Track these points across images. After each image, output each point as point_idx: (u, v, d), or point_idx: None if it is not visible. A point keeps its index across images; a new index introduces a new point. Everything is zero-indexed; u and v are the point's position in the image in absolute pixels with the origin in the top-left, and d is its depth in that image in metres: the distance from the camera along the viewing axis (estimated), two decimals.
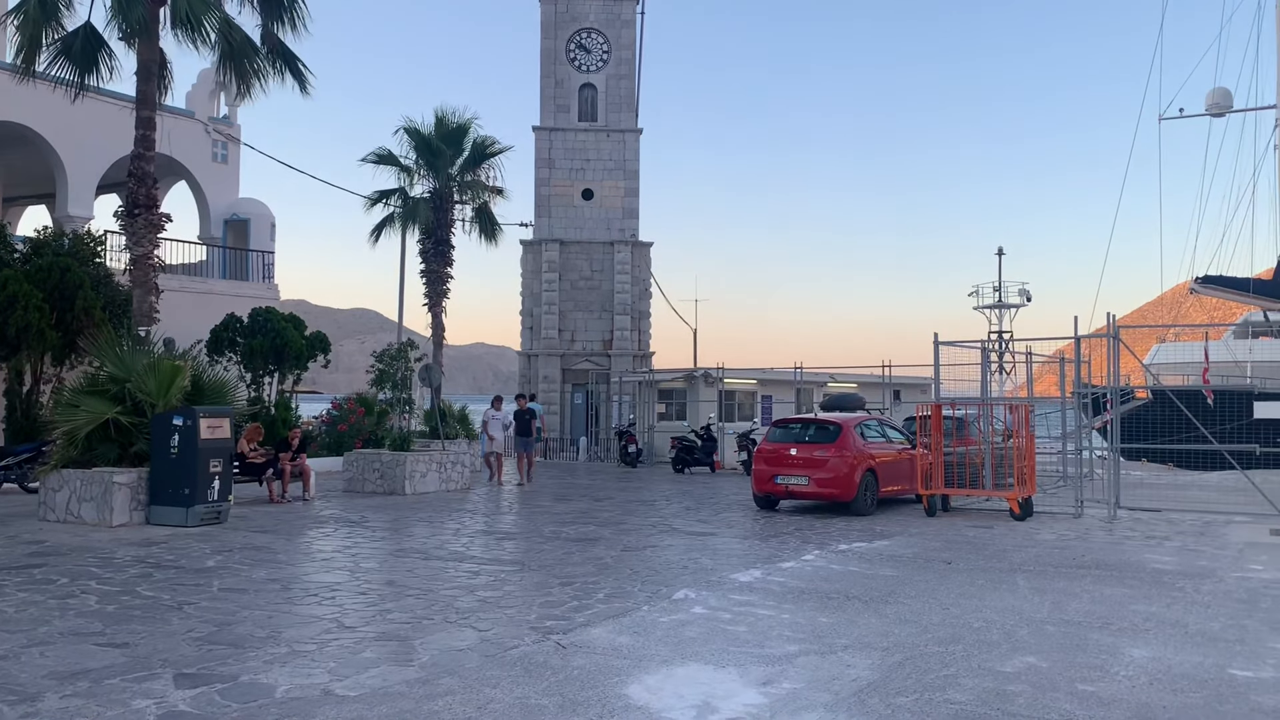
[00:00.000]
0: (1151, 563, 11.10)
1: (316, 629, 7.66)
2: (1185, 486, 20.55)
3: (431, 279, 24.86)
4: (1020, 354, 22.59)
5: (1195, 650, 7.13)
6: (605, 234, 35.77)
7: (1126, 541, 12.83)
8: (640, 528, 14.06)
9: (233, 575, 10.05)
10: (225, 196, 28.37)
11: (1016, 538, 13.19)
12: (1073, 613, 8.38)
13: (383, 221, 24.74)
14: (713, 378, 28.38)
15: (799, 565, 10.84)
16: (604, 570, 10.40)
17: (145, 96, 15.99)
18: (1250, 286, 40.20)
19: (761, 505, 16.76)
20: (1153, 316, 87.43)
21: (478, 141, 25.03)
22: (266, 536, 12.96)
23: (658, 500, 18.16)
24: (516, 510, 16.58)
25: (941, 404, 16.44)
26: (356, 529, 13.83)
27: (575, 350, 35.50)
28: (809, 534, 13.53)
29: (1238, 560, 11.31)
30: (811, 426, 16.92)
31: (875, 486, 16.14)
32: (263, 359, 23.12)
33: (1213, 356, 36.41)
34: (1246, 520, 14.80)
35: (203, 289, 26.30)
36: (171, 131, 26.65)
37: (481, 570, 10.38)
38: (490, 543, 12.49)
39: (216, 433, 14.22)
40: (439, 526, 14.12)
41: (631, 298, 35.63)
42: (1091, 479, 18.57)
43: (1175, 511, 15.89)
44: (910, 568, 10.75)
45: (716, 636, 7.46)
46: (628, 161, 36.15)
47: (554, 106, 36.11)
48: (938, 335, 16.56)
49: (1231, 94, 44.26)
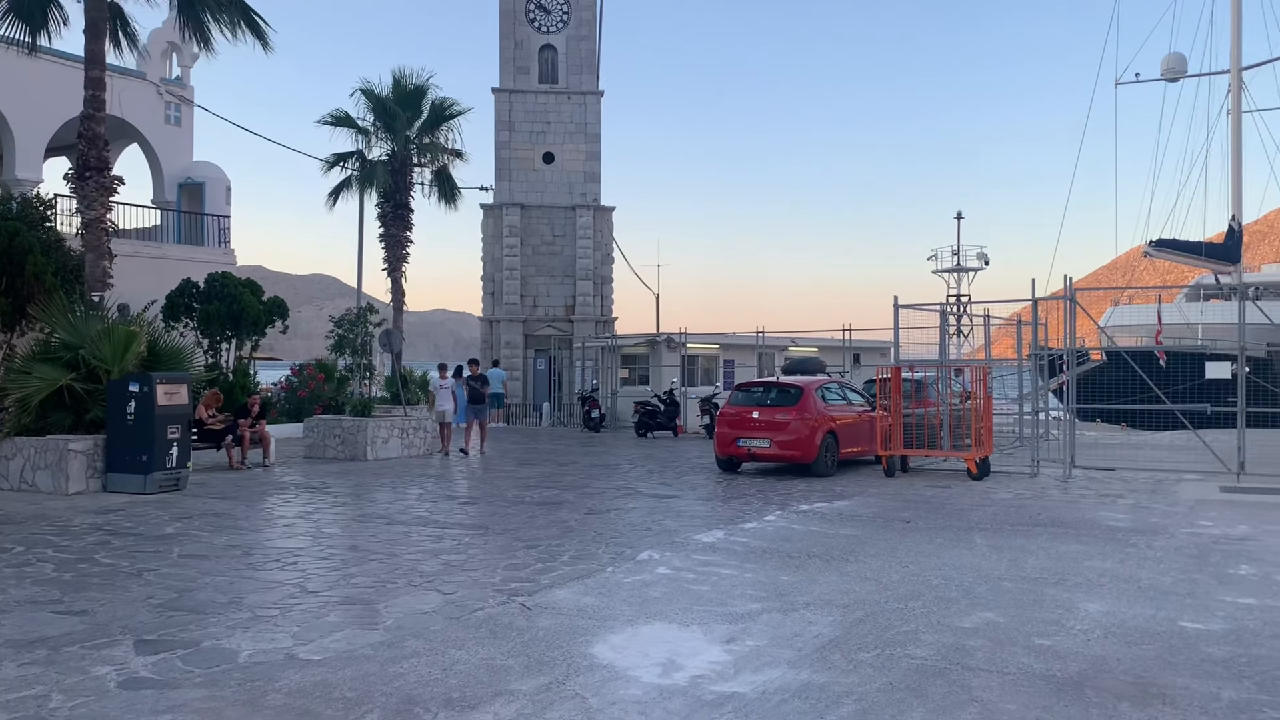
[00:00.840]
0: (1105, 520, 11.32)
1: (279, 594, 7.63)
2: (1139, 446, 20.92)
3: (390, 243, 24.58)
4: (978, 317, 22.84)
5: (1148, 604, 7.30)
6: (567, 198, 35.54)
7: (1081, 500, 13.07)
8: (604, 491, 14.11)
9: (193, 542, 9.96)
10: (179, 160, 27.81)
11: (974, 497, 13.40)
12: (1029, 569, 8.54)
13: (340, 185, 24.38)
14: (675, 343, 28.43)
15: (761, 526, 10.94)
16: (568, 533, 10.43)
17: (94, 55, 15.58)
18: (1202, 250, 40.86)
19: (724, 468, 16.86)
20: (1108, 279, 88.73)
21: (436, 103, 24.69)
22: (226, 503, 12.85)
23: (621, 464, 18.21)
24: (480, 476, 16.56)
25: (900, 367, 16.59)
26: (318, 495, 13.75)
27: (537, 316, 35.36)
28: (770, 495, 13.65)
29: (1188, 517, 11.57)
30: (773, 390, 17.02)
31: (836, 448, 16.29)
32: (220, 325, 22.79)
33: (1166, 319, 37.04)
34: (1197, 478, 15.13)
35: (157, 254, 25.81)
36: (122, 93, 26.04)
37: (445, 535, 10.38)
38: (453, 507, 12.47)
39: (174, 399, 14.05)
40: (401, 492, 14.08)
41: (593, 263, 35.49)
42: (1048, 439, 18.86)
43: (1129, 470, 16.21)
44: (870, 527, 10.88)
45: (680, 596, 7.52)
46: (589, 125, 35.85)
47: (514, 68, 35.68)
48: (897, 299, 16.70)
49: (1186, 59, 44.77)
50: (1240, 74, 42.43)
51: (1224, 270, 41.85)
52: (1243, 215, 42.35)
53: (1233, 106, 42.41)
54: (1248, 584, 7.99)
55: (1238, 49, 42.27)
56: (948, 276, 40.00)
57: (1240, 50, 42.29)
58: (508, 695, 5.23)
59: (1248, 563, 8.84)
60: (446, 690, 5.31)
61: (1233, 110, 42.38)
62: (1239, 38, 42.08)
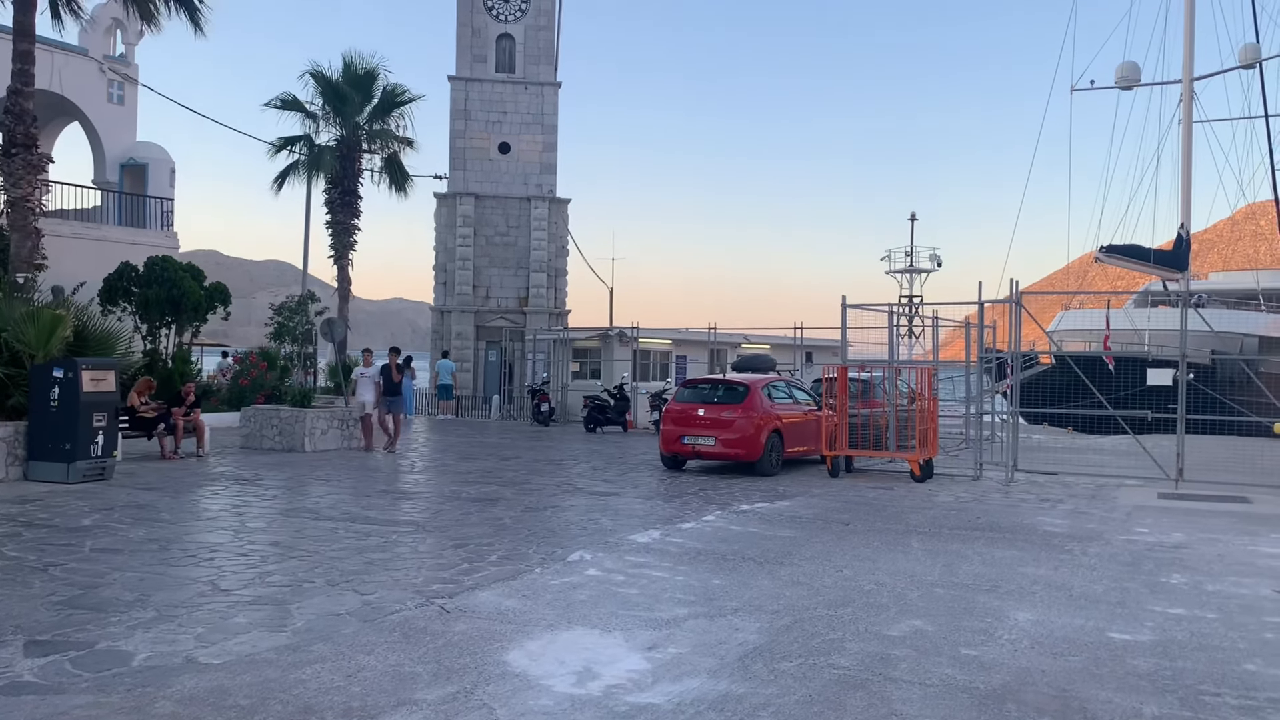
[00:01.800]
0: (1043, 525, 11.30)
1: (189, 592, 7.33)
2: (1082, 450, 21.09)
3: (337, 230, 24.10)
4: (929, 319, 22.87)
5: (1078, 613, 7.22)
6: (522, 189, 35.19)
7: (1021, 504, 13.06)
8: (544, 488, 13.88)
9: (109, 535, 9.60)
10: (122, 140, 27.11)
11: (915, 499, 13.34)
12: (963, 575, 8.45)
13: (286, 169, 23.86)
14: (627, 337, 28.24)
15: (699, 526, 10.77)
16: (501, 531, 10.20)
17: (23, 27, 15.02)
18: (1151, 257, 41.35)
19: (669, 465, 16.70)
20: (1060, 284, 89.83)
21: (387, 89, 24.24)
22: (152, 494, 12.45)
23: (565, 460, 17.98)
24: (418, 469, 16.25)
25: (848, 366, 16.52)
26: (248, 487, 13.38)
27: (490, 307, 34.98)
28: (712, 494, 13.50)
29: (1125, 523, 11.58)
30: (720, 387, 16.87)
31: (781, 447, 16.19)
32: (159, 310, 22.25)
33: (1114, 324, 37.46)
34: (1137, 484, 15.21)
35: (96, 236, 25.17)
36: (63, 69, 25.39)
37: (373, 531, 10.09)
38: (387, 503, 12.18)
39: (100, 385, 13.59)
40: (335, 485, 13.74)
41: (548, 255, 35.17)
42: (993, 442, 18.93)
43: (1070, 474, 16.27)
44: (809, 529, 10.76)
45: (607, 599, 7.32)
46: (546, 115, 35.50)
47: (471, 56, 35.24)
48: (845, 298, 16.62)
49: (1140, 68, 45.29)
50: (1192, 84, 42.99)
51: (1172, 277, 42.37)
52: (1191, 224, 42.94)
53: (1184, 116, 42.97)
54: (1178, 593, 7.95)
55: (1189, 59, 42.83)
56: (900, 277, 40.19)
57: (1192, 61, 42.86)
58: (410, 705, 5.00)
59: (1180, 571, 8.82)
60: (347, 699, 5.07)
61: (1184, 120, 42.94)
62: (1191, 48, 42.64)
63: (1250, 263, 75.04)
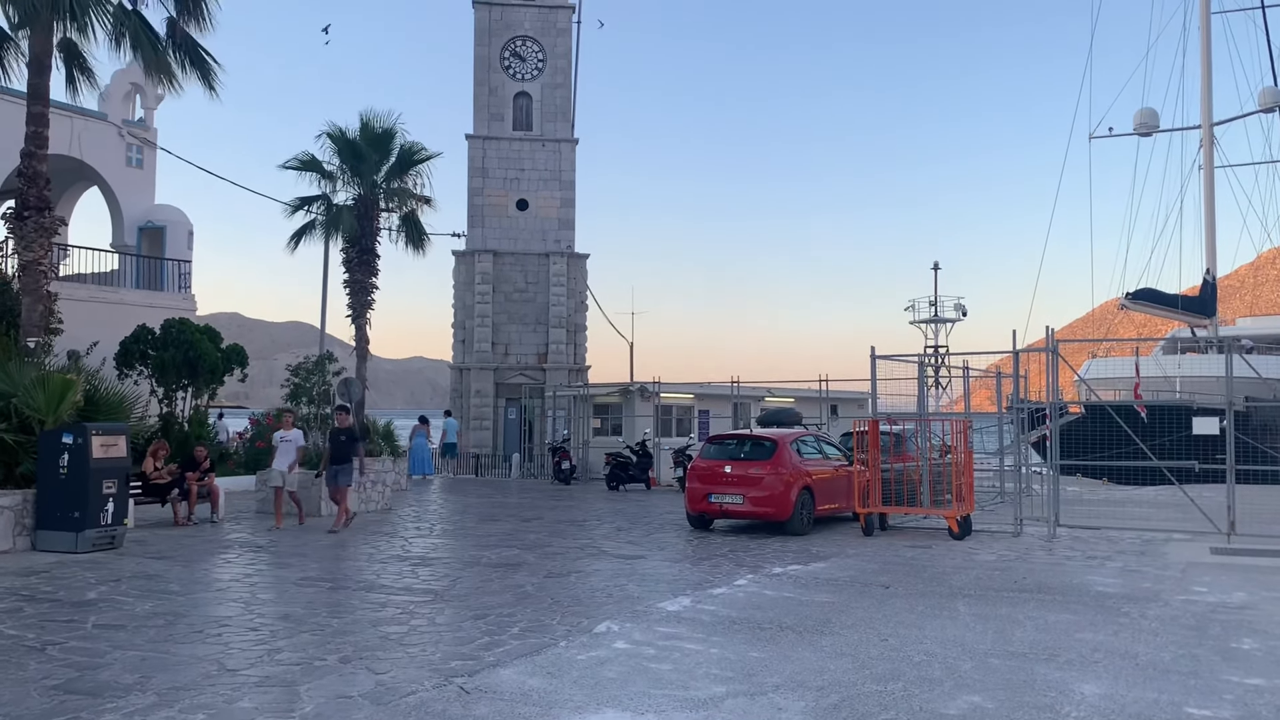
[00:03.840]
0: (1095, 585, 10.70)
1: (193, 673, 6.87)
2: (1122, 503, 20.42)
3: (355, 289, 23.90)
4: (957, 368, 22.36)
5: (1148, 685, 6.66)
6: (540, 245, 35.05)
7: (1068, 562, 12.45)
8: (567, 551, 13.37)
9: (114, 609, 9.17)
10: (140, 203, 27.12)
11: (956, 558, 12.75)
12: (1017, 643, 7.88)
13: (303, 228, 23.71)
14: (649, 392, 27.78)
15: (731, 591, 10.24)
16: (523, 600, 9.70)
17: (37, 91, 14.93)
18: (1178, 303, 40.76)
19: (695, 525, 16.16)
20: (1084, 331, 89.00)
21: (404, 147, 24.17)
22: (162, 563, 12.03)
23: (589, 520, 17.47)
24: (437, 533, 15.77)
25: (878, 419, 16.01)
26: (262, 554, 12.95)
27: (509, 364, 34.67)
28: (743, 556, 12.95)
29: (1181, 581, 10.97)
30: (746, 443, 16.38)
31: (812, 505, 15.64)
32: (175, 373, 22.01)
33: (1143, 371, 36.78)
34: (1185, 538, 14.55)
35: (114, 299, 25.01)
36: (82, 134, 25.48)
37: (389, 601, 9.62)
38: (404, 569, 11.70)
39: (111, 451, 13.24)
40: (352, 551, 13.29)
41: (567, 310, 34.92)
42: (1030, 495, 18.29)
43: (1114, 529, 15.61)
44: (847, 592, 10.21)
45: (638, 677, 6.81)
46: (563, 172, 35.49)
47: (488, 115, 35.34)
48: (874, 349, 16.15)
49: (1158, 114, 45.07)
50: (1211, 129, 42.68)
51: (1199, 323, 41.72)
52: (1216, 268, 42.38)
53: (1205, 162, 42.61)
54: (1253, 661, 7.37)
55: (1208, 105, 42.56)
56: (925, 327, 39.62)
57: (1210, 106, 42.58)
58: None
59: (1250, 635, 8.22)
60: None
61: (1205, 165, 42.57)
62: (1209, 94, 42.40)
63: (1275, 307, 74.15)
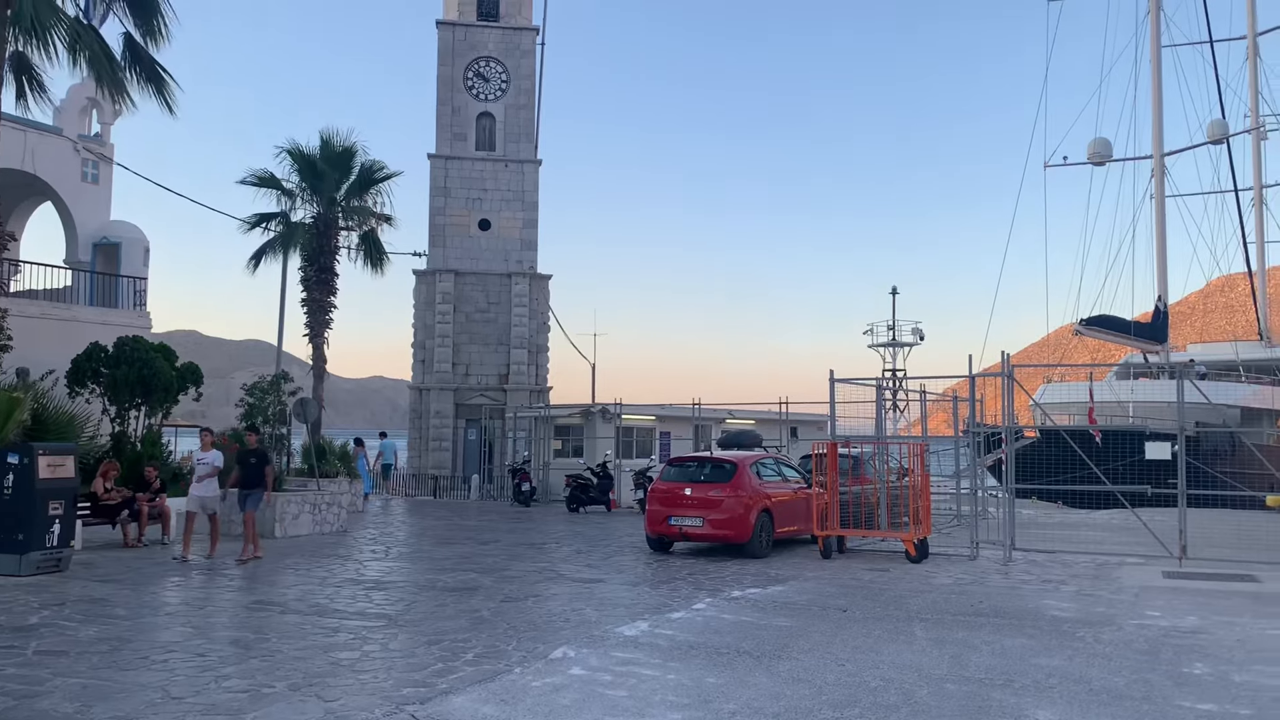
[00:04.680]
0: (1050, 609, 10.77)
1: (137, 701, 6.70)
2: (1076, 526, 20.63)
3: (313, 308, 23.66)
4: (914, 392, 22.56)
5: (1102, 711, 6.69)
6: (502, 265, 34.95)
7: (1024, 586, 12.53)
8: (525, 574, 13.24)
9: (56, 634, 8.94)
10: (95, 219, 26.65)
11: (913, 581, 12.79)
12: (974, 668, 7.90)
13: (262, 247, 23.46)
14: (610, 413, 27.72)
15: (689, 615, 10.18)
16: (478, 625, 9.58)
17: None
18: (1131, 329, 41.49)
19: (655, 547, 16.09)
20: (1038, 357, 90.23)
21: (365, 166, 24.04)
22: (109, 587, 11.76)
23: (548, 543, 17.34)
24: (393, 556, 15.58)
25: (837, 441, 16.07)
26: (213, 577, 12.71)
27: (470, 384, 34.46)
28: (702, 579, 12.90)
29: (1134, 605, 11.07)
30: (707, 465, 16.36)
31: (771, 527, 15.64)
32: (129, 391, 21.55)
33: (1097, 396, 37.32)
34: (1139, 562, 14.70)
35: (66, 316, 24.52)
36: (36, 148, 25.03)
37: (342, 626, 9.46)
38: (358, 593, 11.52)
39: (58, 471, 12.94)
40: (305, 574, 13.07)
41: (529, 331, 34.81)
42: (986, 518, 18.42)
43: (1068, 553, 15.75)
44: (805, 616, 10.19)
45: (593, 703, 6.74)
46: (526, 192, 35.47)
47: (451, 135, 35.27)
48: (833, 372, 16.25)
49: (1111, 144, 45.96)
50: (1162, 160, 43.61)
51: (1151, 349, 42.48)
52: (1168, 295, 43.18)
53: (1156, 191, 43.50)
54: (1205, 686, 7.44)
55: (1159, 136, 43.50)
56: (883, 351, 39.97)
57: (1161, 137, 43.54)
58: None
59: (1201, 660, 8.31)
60: None
61: (1156, 195, 43.46)
62: (1160, 126, 43.34)
63: (1224, 334, 75.55)
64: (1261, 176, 51.65)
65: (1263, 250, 51.01)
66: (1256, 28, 51.63)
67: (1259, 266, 50.42)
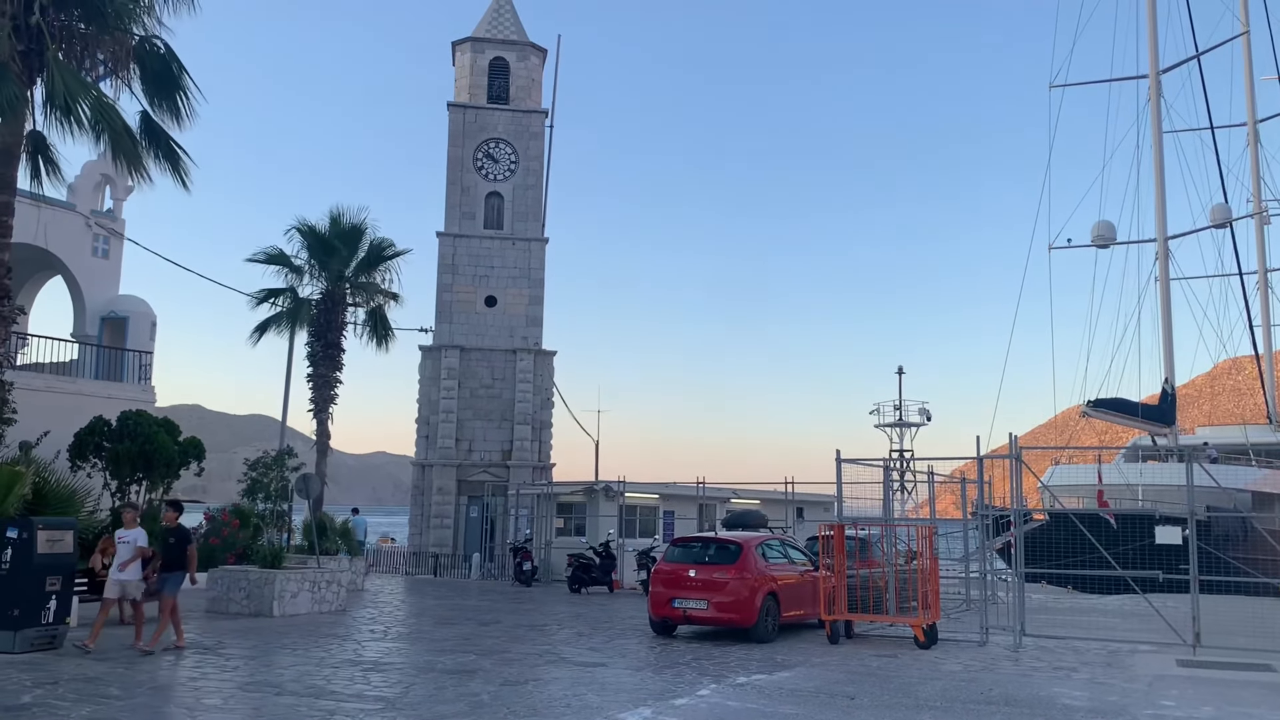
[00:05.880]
0: (1062, 698, 10.52)
1: None
2: (1087, 611, 20.29)
3: (318, 383, 23.68)
4: (922, 473, 22.38)
5: None
6: (508, 342, 35.05)
7: (1035, 673, 12.26)
8: (525, 657, 13.00)
9: (48, 714, 8.76)
10: (104, 292, 26.88)
11: (922, 668, 12.53)
12: None
13: (266, 321, 23.57)
14: (613, 491, 27.53)
15: (693, 702, 9.95)
16: (478, 709, 9.36)
17: (4, 180, 14.88)
18: (1139, 411, 41.33)
19: (658, 630, 15.82)
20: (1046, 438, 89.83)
21: (374, 243, 24.29)
22: (104, 665, 11.56)
23: (549, 624, 17.06)
24: (392, 636, 15.32)
25: (844, 523, 15.89)
26: (209, 656, 12.48)
27: (473, 460, 34.28)
28: (706, 664, 12.65)
29: (1149, 695, 10.81)
30: (711, 546, 16.17)
31: (777, 611, 15.39)
32: (130, 466, 21.49)
33: (1106, 479, 37.01)
34: (1151, 649, 14.42)
35: (71, 389, 24.56)
36: (49, 224, 25.32)
37: (339, 709, 9.25)
38: (355, 675, 11.30)
39: (57, 546, 12.83)
40: (303, 655, 12.83)
41: (533, 407, 34.76)
42: (995, 603, 18.13)
43: (1080, 639, 15.45)
44: (812, 704, 9.96)
45: None
46: (533, 270, 35.74)
47: (459, 213, 35.68)
48: (840, 452, 16.14)
49: (1114, 227, 46.32)
50: (1166, 243, 43.89)
51: (1160, 432, 42.27)
52: (1175, 378, 43.10)
53: (1160, 274, 43.70)
54: None
55: (1162, 220, 43.83)
56: (890, 431, 39.78)
57: (1165, 221, 43.86)
58: None
59: None
60: None
61: (1161, 279, 43.63)
62: (1163, 210, 43.70)
63: (1231, 417, 75.31)
64: (1265, 260, 51.94)
65: (1269, 333, 51.09)
66: (1257, 114, 52.44)
67: (1265, 349, 50.41)
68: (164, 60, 16.49)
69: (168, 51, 16.62)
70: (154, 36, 16.69)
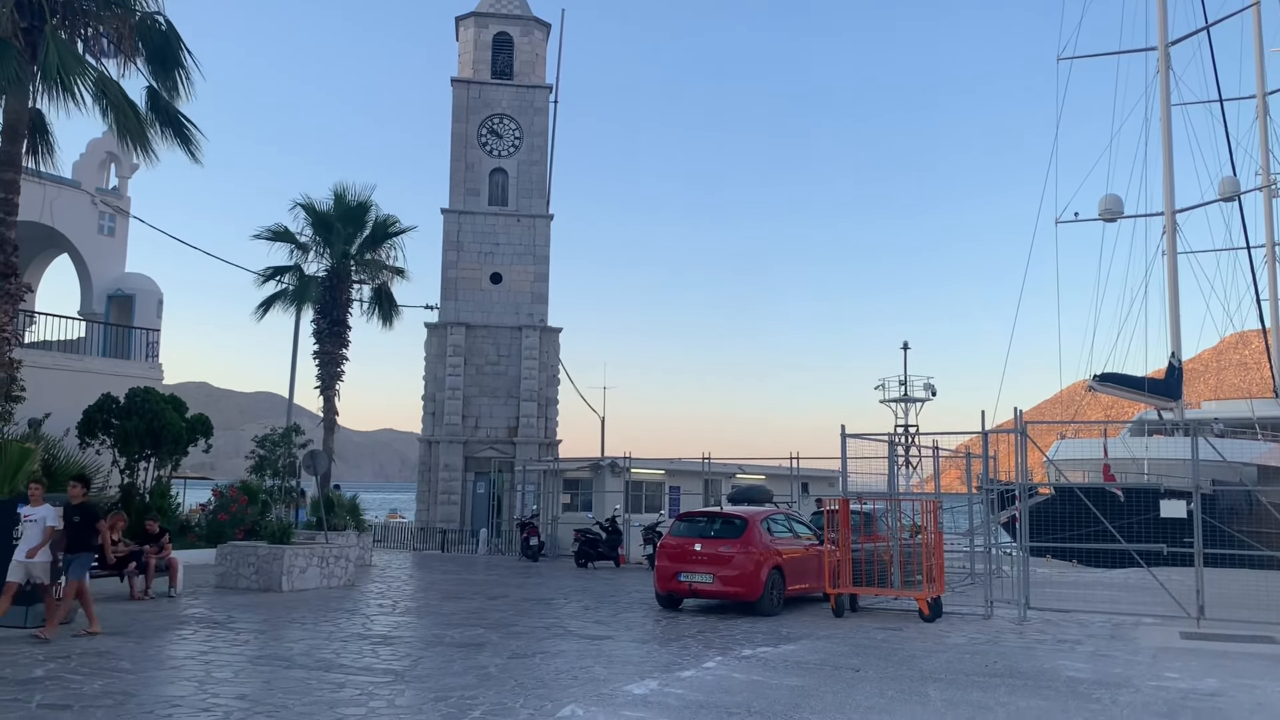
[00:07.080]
0: (1066, 670, 10.58)
1: None
2: (1091, 585, 20.36)
3: (324, 360, 23.74)
4: (926, 448, 22.42)
5: None
6: (513, 318, 35.09)
7: (1039, 646, 12.33)
8: (533, 630, 13.11)
9: (61, 687, 8.85)
10: (111, 271, 26.96)
11: (926, 641, 12.61)
12: None
13: (271, 298, 23.62)
14: (619, 467, 27.60)
15: (699, 674, 10.03)
16: (485, 681, 9.45)
17: (9, 157, 14.89)
18: (1145, 385, 41.24)
19: (664, 604, 15.93)
20: (1052, 412, 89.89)
21: (379, 220, 24.28)
22: (115, 640, 11.67)
23: (556, 598, 17.18)
24: (400, 610, 15.45)
25: (849, 498, 15.95)
26: (219, 630, 12.60)
27: (479, 437, 34.41)
28: (712, 637, 12.74)
29: (1152, 667, 10.87)
30: (717, 521, 16.25)
31: (782, 585, 15.47)
32: (138, 443, 21.63)
33: (1111, 453, 37.02)
34: (1155, 622, 14.48)
35: (79, 367, 24.69)
36: (55, 202, 25.38)
37: (348, 682, 9.35)
38: (364, 648, 11.41)
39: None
40: (312, 629, 12.95)
41: (539, 384, 34.82)
42: (1000, 576, 18.21)
43: (1084, 612, 15.53)
44: (816, 676, 10.03)
45: None
46: (538, 246, 35.70)
47: (464, 190, 35.63)
48: (844, 427, 16.15)
49: (1122, 200, 46.05)
50: (1174, 216, 43.67)
51: (1166, 406, 42.22)
52: (1181, 352, 43.00)
53: (1168, 249, 43.49)
54: None
55: (1170, 194, 43.58)
56: (895, 406, 39.73)
57: (1173, 195, 43.60)
58: None
59: None
60: None
61: (1168, 252, 43.44)
62: (1171, 183, 43.43)
63: (1237, 391, 75.23)
64: (1273, 234, 51.64)
65: (1275, 307, 50.82)
66: (1266, 87, 52.01)
67: (1272, 323, 50.24)
68: (165, 36, 16.46)
69: (169, 28, 16.59)
70: (156, 13, 16.66)
